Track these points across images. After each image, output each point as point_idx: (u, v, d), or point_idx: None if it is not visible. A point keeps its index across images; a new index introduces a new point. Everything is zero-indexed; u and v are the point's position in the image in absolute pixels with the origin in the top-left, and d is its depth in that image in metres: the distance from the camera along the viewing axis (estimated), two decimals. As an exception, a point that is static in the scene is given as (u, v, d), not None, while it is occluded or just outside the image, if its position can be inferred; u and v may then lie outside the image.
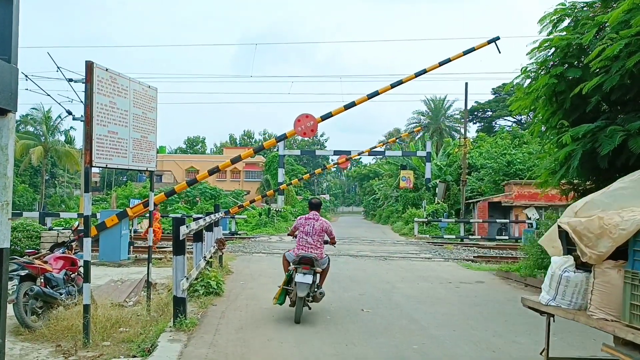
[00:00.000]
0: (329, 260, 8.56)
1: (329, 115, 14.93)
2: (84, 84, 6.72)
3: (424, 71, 15.94)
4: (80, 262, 7.77)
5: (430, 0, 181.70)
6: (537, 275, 11.55)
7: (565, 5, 10.00)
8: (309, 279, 7.75)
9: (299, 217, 8.77)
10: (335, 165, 38.83)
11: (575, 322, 7.96)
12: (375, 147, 35.46)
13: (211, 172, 14.75)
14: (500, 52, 16.53)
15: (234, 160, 15.39)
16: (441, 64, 16.13)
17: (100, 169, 18.01)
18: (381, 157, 72.35)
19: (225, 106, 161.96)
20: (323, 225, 8.35)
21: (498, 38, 16.36)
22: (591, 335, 7.21)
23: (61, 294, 7.60)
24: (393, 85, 15.72)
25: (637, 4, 7.70)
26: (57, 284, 7.68)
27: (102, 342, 6.44)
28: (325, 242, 8.47)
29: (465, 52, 16.27)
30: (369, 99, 15.46)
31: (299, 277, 7.76)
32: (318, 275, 8.21)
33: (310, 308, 8.22)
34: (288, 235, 9.19)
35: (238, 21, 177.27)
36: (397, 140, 46.69)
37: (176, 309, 7.07)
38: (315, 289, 8.11)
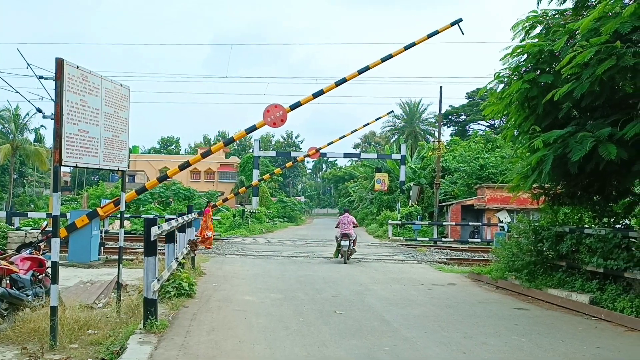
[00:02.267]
0: (356, 235, 17.44)
1: (297, 105, 15.01)
2: (54, 82, 6.58)
3: (390, 56, 16.32)
4: (48, 263, 7.61)
5: (403, 6, 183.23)
6: (508, 278, 11.70)
7: (538, 12, 10.18)
8: (347, 243, 16.54)
9: (340, 216, 17.97)
10: (307, 157, 38.80)
11: (544, 324, 8.12)
12: (344, 135, 35.58)
13: (182, 167, 14.67)
14: (463, 34, 16.92)
15: (205, 155, 15.35)
16: (406, 48, 16.51)
17: (71, 168, 17.62)
18: (356, 159, 72.64)
19: (200, 106, 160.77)
20: (351, 219, 17.13)
21: (461, 20, 16.76)
22: (559, 337, 7.34)
23: (28, 296, 7.42)
24: (360, 72, 16.12)
25: (606, 12, 7.87)
26: (23, 285, 7.50)
27: (70, 345, 6.31)
28: (355, 226, 17.30)
29: (429, 35, 16.69)
30: (336, 86, 15.82)
31: (342, 242, 16.64)
32: (352, 241, 16.76)
33: (347, 259, 16.48)
34: (336, 227, 17.69)
35: (212, 22, 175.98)
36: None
37: (147, 311, 6.97)
38: (352, 249, 16.86)
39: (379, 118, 49.07)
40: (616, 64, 7.53)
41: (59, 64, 6.35)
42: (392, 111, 64.76)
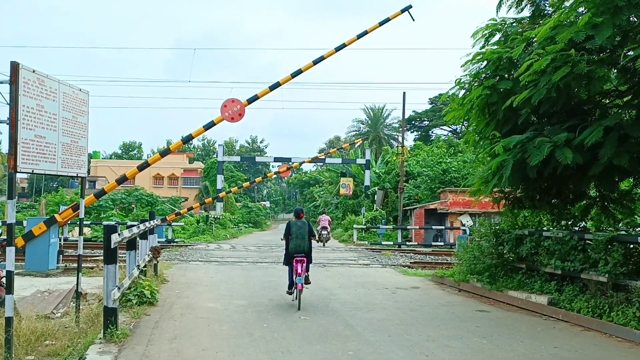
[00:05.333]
0: (330, 228, 28.03)
1: (255, 98, 14.93)
2: (9, 86, 6.40)
3: (344, 45, 16.38)
4: (3, 273, 7.37)
5: (359, 17, 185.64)
6: (470, 281, 11.89)
7: (497, 20, 10.41)
8: (325, 232, 26.76)
9: (320, 216, 28.75)
10: (276, 174, 38.67)
11: (505, 326, 8.27)
12: (316, 157, 35.69)
13: (140, 168, 14.36)
14: (414, 20, 17.21)
15: (163, 154, 15.10)
16: (359, 36, 16.65)
17: (28, 174, 17.13)
18: (322, 164, 72.81)
19: (162, 111, 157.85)
20: (327, 218, 27.95)
21: (410, 7, 17.02)
22: (519, 338, 7.49)
23: (-19, 306, 7.19)
24: (315, 62, 16.03)
25: (562, 21, 8.11)
26: (-23, 296, 7.26)
27: (26, 356, 6.13)
28: (329, 224, 27.91)
29: (381, 23, 16.87)
30: (292, 77, 15.73)
31: (322, 232, 26.46)
32: (328, 231, 27.27)
33: (325, 244, 26.43)
34: (316, 223, 28.31)
35: (171, 26, 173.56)
36: (338, 150, 47.34)
37: (107, 320, 6.83)
38: (328, 237, 27.35)
39: (353, 143, 49.46)
40: (571, 72, 7.76)
41: (14, 67, 6.19)
42: (367, 138, 65.27)
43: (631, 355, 6.75)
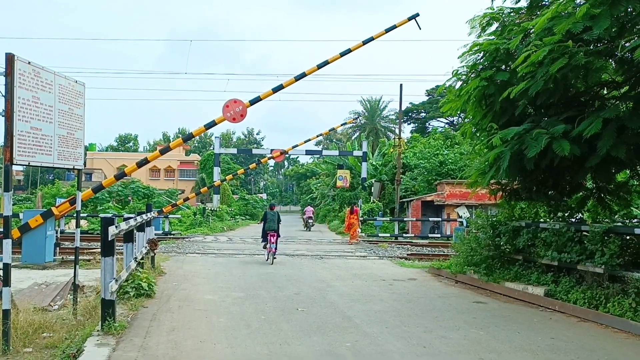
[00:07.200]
0: (315, 217, 38.39)
1: (257, 99, 14.87)
2: (4, 78, 6.36)
3: (349, 50, 16.34)
4: (0, 265, 7.35)
5: (349, 10, 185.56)
6: (467, 272, 11.92)
7: (494, 9, 10.37)
8: (311, 221, 35.92)
9: (306, 208, 39.04)
10: (271, 159, 38.52)
11: (502, 317, 8.30)
12: (309, 139, 35.66)
13: (140, 164, 14.34)
14: (420, 28, 17.18)
15: (163, 151, 15.05)
16: (364, 42, 16.57)
17: (24, 167, 17.10)
18: (318, 156, 72.78)
19: (158, 103, 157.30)
20: (312, 209, 37.22)
21: (417, 15, 16.95)
22: (516, 329, 7.52)
23: (-22, 299, 7.17)
24: (319, 66, 16.01)
25: (559, 12, 8.08)
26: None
27: (24, 349, 6.13)
28: (313, 214, 37.85)
29: (387, 30, 16.80)
30: (296, 80, 15.71)
31: (308, 221, 35.88)
32: (313, 220, 36.62)
33: (309, 229, 34.98)
34: (303, 214, 39.34)
35: (165, 19, 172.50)
36: (331, 133, 47.26)
37: (104, 312, 6.82)
38: (312, 224, 36.12)
39: (345, 124, 49.54)
40: (569, 63, 7.74)
41: (9, 59, 6.15)
42: (359, 116, 65.42)
43: (627, 346, 6.78)
